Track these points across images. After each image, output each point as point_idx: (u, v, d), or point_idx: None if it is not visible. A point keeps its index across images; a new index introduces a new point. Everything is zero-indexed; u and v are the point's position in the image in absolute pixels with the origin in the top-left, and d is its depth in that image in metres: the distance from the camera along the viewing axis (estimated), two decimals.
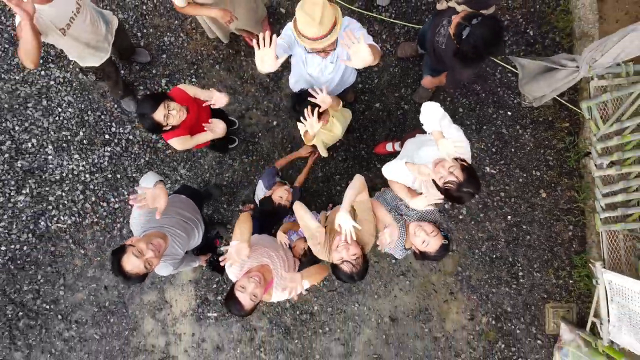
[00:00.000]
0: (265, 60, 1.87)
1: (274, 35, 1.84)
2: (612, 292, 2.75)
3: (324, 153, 2.89)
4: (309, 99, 2.24)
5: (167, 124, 2.19)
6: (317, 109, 2.24)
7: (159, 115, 2.13)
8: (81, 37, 2.51)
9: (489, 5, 2.46)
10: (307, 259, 2.61)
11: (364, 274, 2.08)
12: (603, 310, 2.81)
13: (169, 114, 2.16)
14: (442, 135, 2.09)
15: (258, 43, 1.85)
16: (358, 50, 1.85)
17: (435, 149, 2.19)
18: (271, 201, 2.69)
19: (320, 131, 2.55)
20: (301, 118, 2.23)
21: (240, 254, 2.09)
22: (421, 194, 2.25)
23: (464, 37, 2.11)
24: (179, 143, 2.39)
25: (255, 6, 2.86)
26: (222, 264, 2.15)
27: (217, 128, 2.42)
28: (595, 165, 2.87)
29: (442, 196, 2.03)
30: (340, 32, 2.02)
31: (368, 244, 2.27)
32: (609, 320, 2.80)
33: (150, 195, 2.02)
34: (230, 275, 2.24)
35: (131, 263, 1.96)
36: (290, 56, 2.22)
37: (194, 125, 2.41)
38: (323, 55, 2.13)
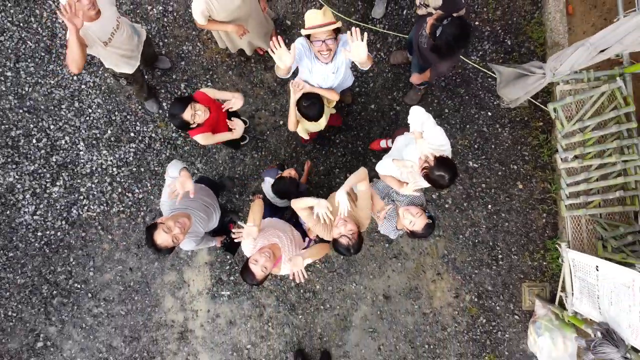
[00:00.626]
0: (283, 58, 2.32)
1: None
2: (575, 268, 3.17)
3: (305, 136, 3.21)
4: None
5: (194, 123, 2.62)
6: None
7: (187, 115, 2.56)
8: (119, 48, 2.94)
9: (459, 9, 2.88)
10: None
11: (359, 248, 2.50)
12: (568, 284, 3.23)
13: (195, 114, 2.59)
14: (421, 135, 2.50)
15: (273, 49, 2.29)
16: (359, 46, 2.30)
17: (415, 147, 2.61)
18: (283, 178, 3.10)
19: (308, 123, 2.96)
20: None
21: (249, 235, 2.53)
22: (407, 183, 2.68)
23: (437, 34, 2.51)
24: (202, 139, 2.82)
25: (264, 20, 3.29)
26: (235, 240, 2.58)
27: (239, 128, 2.86)
28: (561, 158, 3.30)
29: (426, 183, 2.45)
30: (341, 42, 2.47)
31: (364, 224, 2.68)
32: (572, 294, 3.22)
33: (179, 183, 2.45)
34: (246, 251, 2.66)
35: (161, 237, 2.38)
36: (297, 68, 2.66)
37: (214, 123, 2.84)
38: (326, 56, 2.52)
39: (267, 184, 3.29)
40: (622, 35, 2.20)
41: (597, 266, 2.91)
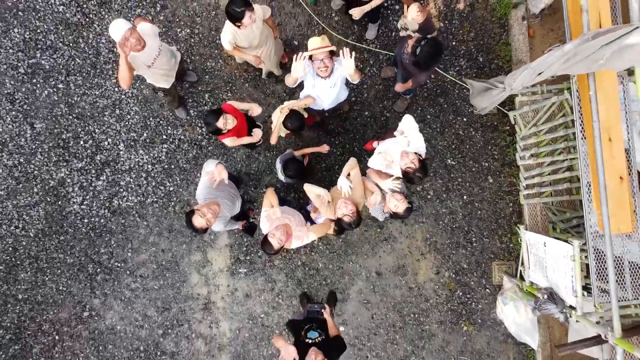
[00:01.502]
0: (297, 68, 3.10)
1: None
2: (530, 246, 3.89)
3: (273, 141, 3.90)
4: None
5: (225, 129, 3.35)
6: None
7: (220, 123, 3.28)
8: (160, 69, 3.67)
9: (431, 32, 3.61)
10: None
11: (359, 223, 3.24)
12: (525, 260, 3.96)
13: (227, 122, 3.31)
14: (402, 133, 3.24)
15: (295, 58, 3.07)
16: (349, 61, 3.09)
17: (400, 146, 3.34)
18: (290, 161, 3.83)
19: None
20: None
21: (275, 214, 3.27)
22: (391, 175, 3.41)
23: (417, 52, 3.23)
24: (229, 142, 3.55)
25: (278, 47, 4.02)
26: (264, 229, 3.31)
27: (258, 135, 3.60)
28: (519, 157, 4.02)
29: (399, 172, 3.19)
30: (336, 62, 3.22)
31: (360, 203, 3.41)
32: (529, 267, 3.95)
33: (217, 171, 3.18)
34: (264, 229, 3.38)
35: (198, 221, 3.09)
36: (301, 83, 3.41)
37: (239, 129, 3.57)
38: (324, 71, 3.24)
39: (279, 165, 4.00)
40: (550, 63, 2.91)
41: (544, 243, 3.64)
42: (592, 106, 2.95)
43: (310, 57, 3.19)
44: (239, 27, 3.30)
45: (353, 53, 3.13)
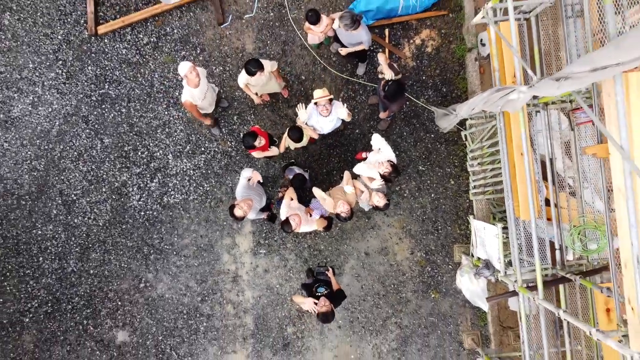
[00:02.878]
0: (302, 115, 4.51)
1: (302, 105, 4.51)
2: (476, 230, 5.30)
3: (281, 150, 5.29)
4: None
5: (257, 145, 4.76)
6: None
7: (256, 142, 4.70)
8: (207, 100, 5.08)
9: (397, 74, 5.02)
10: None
11: (351, 217, 4.64)
12: (473, 240, 5.36)
13: (260, 141, 4.72)
14: (379, 150, 4.66)
15: (298, 107, 4.48)
16: (343, 112, 4.47)
17: (378, 157, 4.76)
18: (297, 173, 5.24)
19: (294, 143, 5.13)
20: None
21: (295, 204, 4.68)
22: (369, 177, 4.81)
23: (386, 90, 4.65)
24: (257, 154, 4.97)
25: (277, 86, 5.43)
26: (283, 215, 4.72)
27: (274, 151, 5.03)
28: (469, 165, 5.44)
29: (378, 175, 4.60)
30: (334, 106, 4.64)
31: (352, 202, 4.82)
32: (476, 246, 5.35)
33: (254, 175, 4.60)
34: (283, 215, 4.78)
35: (237, 212, 4.51)
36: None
37: (264, 146, 4.98)
38: (325, 112, 4.68)
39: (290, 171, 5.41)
40: (476, 103, 4.30)
41: (484, 227, 5.05)
42: (513, 131, 4.37)
43: (316, 103, 4.61)
44: (251, 77, 4.72)
45: (345, 105, 4.58)
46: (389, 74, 4.74)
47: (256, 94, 5.28)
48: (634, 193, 2.53)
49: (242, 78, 4.88)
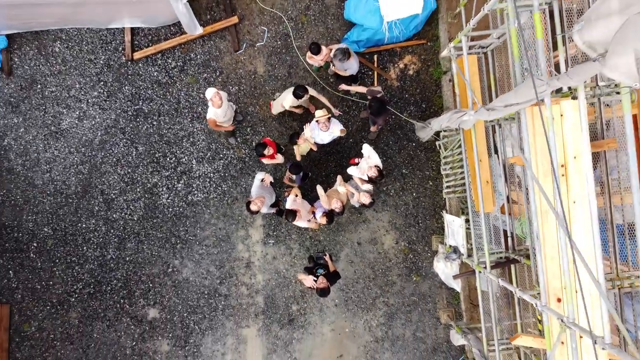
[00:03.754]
0: (307, 132, 5.65)
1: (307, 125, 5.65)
2: (448, 223, 6.44)
3: (298, 157, 6.48)
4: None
5: (266, 154, 5.91)
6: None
7: (266, 151, 5.85)
8: (227, 117, 6.24)
9: (378, 94, 6.16)
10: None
11: (343, 213, 5.81)
12: (446, 231, 6.50)
13: (269, 150, 5.88)
14: (369, 156, 5.82)
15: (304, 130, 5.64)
16: (337, 128, 5.62)
17: (368, 162, 5.91)
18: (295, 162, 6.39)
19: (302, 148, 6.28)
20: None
21: (299, 200, 5.84)
22: (365, 181, 5.96)
23: (371, 106, 5.80)
24: (266, 161, 6.12)
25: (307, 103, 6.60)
26: (288, 207, 5.88)
27: (281, 159, 6.18)
28: (443, 169, 6.59)
29: (367, 180, 5.76)
30: (332, 122, 5.80)
31: (344, 200, 5.97)
32: (448, 236, 6.49)
33: (267, 178, 5.76)
34: (288, 206, 5.93)
35: (253, 207, 5.66)
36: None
37: (272, 154, 6.13)
38: (325, 128, 5.84)
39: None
40: (443, 120, 5.43)
41: (453, 220, 6.20)
42: (473, 141, 5.52)
43: (317, 120, 5.77)
44: (299, 99, 5.87)
45: (341, 125, 5.76)
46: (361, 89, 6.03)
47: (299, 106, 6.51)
48: (535, 192, 3.67)
49: (288, 100, 6.03)
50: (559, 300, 3.77)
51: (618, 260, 4.19)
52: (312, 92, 6.03)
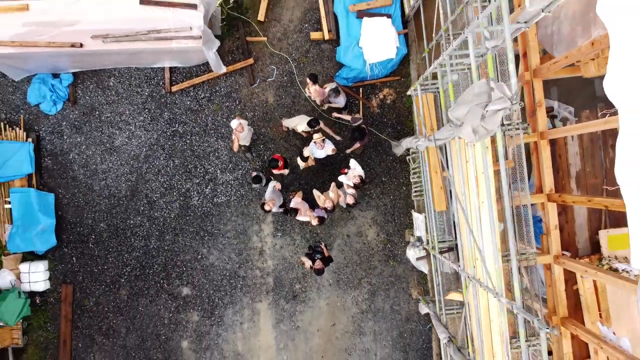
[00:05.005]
0: (306, 151, 7.64)
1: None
2: (415, 219, 8.39)
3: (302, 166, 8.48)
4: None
5: (278, 166, 7.88)
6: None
7: (279, 164, 7.82)
8: (246, 139, 8.20)
9: (359, 121, 8.12)
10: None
11: (334, 210, 7.79)
12: (415, 225, 8.45)
13: (278, 164, 7.85)
14: (355, 168, 7.81)
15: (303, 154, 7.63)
16: (329, 148, 7.61)
17: (354, 172, 7.89)
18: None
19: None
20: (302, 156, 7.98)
21: (299, 201, 7.82)
22: (351, 186, 7.94)
23: (354, 133, 7.77)
24: (276, 172, 8.09)
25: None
26: (291, 205, 7.85)
27: (287, 171, 8.16)
28: (411, 177, 8.55)
29: (353, 186, 7.74)
30: (326, 143, 7.79)
31: (335, 201, 7.94)
32: (416, 229, 8.44)
33: (277, 185, 7.74)
34: (292, 205, 7.91)
35: (266, 207, 7.64)
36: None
37: (282, 166, 8.09)
38: (320, 147, 7.82)
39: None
40: (408, 141, 7.38)
41: (417, 217, 8.15)
42: (437, 157, 7.48)
43: (314, 141, 7.75)
44: (312, 129, 7.82)
45: (332, 146, 7.74)
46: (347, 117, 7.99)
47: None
48: (457, 198, 5.61)
49: (302, 127, 7.97)
50: (474, 267, 5.73)
51: (518, 240, 6.14)
52: (322, 125, 7.98)
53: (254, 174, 8.15)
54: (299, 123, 8.13)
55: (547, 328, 4.06)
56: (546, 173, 6.36)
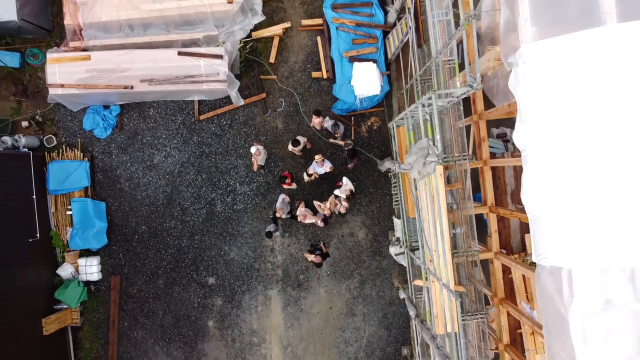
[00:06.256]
0: (310, 169, 9.82)
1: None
2: (395, 223, 10.55)
3: (306, 179, 10.67)
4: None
5: (286, 182, 10.04)
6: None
7: (287, 180, 9.99)
8: (263, 159, 10.36)
9: (350, 146, 10.29)
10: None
11: (331, 216, 9.97)
12: (395, 228, 10.62)
13: (287, 179, 10.01)
14: (346, 183, 10.00)
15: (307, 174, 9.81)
16: (327, 166, 9.79)
17: (346, 187, 10.08)
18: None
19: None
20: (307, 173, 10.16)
21: (303, 209, 10.02)
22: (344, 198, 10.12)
23: (347, 154, 9.94)
24: (285, 187, 10.26)
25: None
26: (296, 214, 10.05)
27: (294, 185, 10.33)
28: (392, 189, 10.71)
29: (344, 195, 9.93)
30: (325, 162, 9.97)
31: (332, 209, 10.13)
32: (395, 230, 10.61)
33: (287, 198, 9.92)
34: (300, 217, 10.11)
35: (277, 214, 9.86)
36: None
37: (290, 182, 10.25)
38: (320, 165, 9.99)
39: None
40: (387, 163, 9.51)
41: (396, 221, 10.33)
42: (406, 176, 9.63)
43: (315, 161, 9.91)
44: (295, 147, 9.99)
45: (330, 164, 9.88)
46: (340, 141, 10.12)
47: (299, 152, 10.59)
48: (419, 210, 7.77)
49: (290, 147, 10.13)
50: (430, 261, 7.90)
51: (464, 240, 8.29)
52: (302, 143, 10.09)
53: (267, 230, 10.09)
54: (289, 146, 10.26)
55: (456, 296, 6.25)
56: (488, 191, 8.53)
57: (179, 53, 9.93)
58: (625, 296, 5.45)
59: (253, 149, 9.87)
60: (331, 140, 10.52)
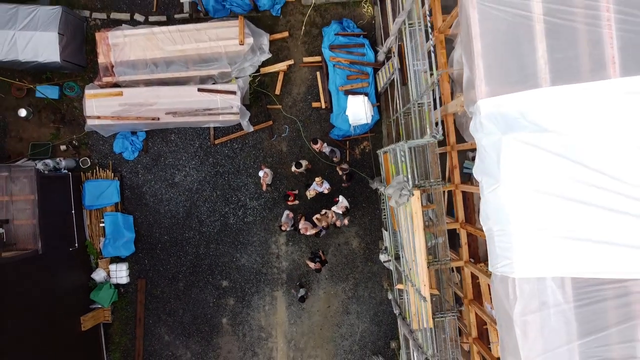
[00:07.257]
0: (311, 188, 11.55)
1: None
2: (384, 234, 12.26)
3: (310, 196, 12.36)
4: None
5: (290, 199, 11.75)
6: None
7: (291, 198, 11.70)
8: (270, 179, 12.06)
9: (346, 169, 12.00)
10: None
11: (328, 228, 11.71)
12: (383, 238, 12.33)
13: (291, 197, 11.72)
14: (343, 200, 11.73)
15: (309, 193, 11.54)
16: (325, 187, 11.52)
17: (341, 204, 11.80)
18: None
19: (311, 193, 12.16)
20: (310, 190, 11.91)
21: (303, 222, 11.75)
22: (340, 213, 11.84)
23: (344, 176, 11.65)
24: (290, 202, 11.97)
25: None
26: (299, 227, 11.77)
27: (296, 202, 12.06)
28: (381, 205, 12.42)
29: (340, 210, 11.66)
30: (324, 183, 11.69)
31: (329, 222, 11.85)
32: (385, 240, 12.34)
33: (290, 214, 11.65)
34: (301, 226, 11.82)
35: (283, 227, 11.60)
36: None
37: (293, 199, 11.95)
38: (320, 185, 11.71)
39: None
40: (376, 183, 11.18)
41: (384, 232, 12.05)
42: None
43: (315, 182, 11.62)
44: (297, 169, 11.71)
45: (328, 185, 11.61)
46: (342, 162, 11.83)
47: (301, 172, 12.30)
48: (400, 226, 9.47)
49: (294, 168, 11.84)
50: (410, 269, 9.61)
51: (443, 249, 9.99)
52: (304, 165, 11.80)
53: (300, 295, 12.14)
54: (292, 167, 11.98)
55: (423, 299, 7.96)
56: (459, 209, 10.24)
57: (199, 90, 11.63)
58: (557, 299, 7.12)
59: (261, 173, 11.58)
60: (337, 168, 12.27)
